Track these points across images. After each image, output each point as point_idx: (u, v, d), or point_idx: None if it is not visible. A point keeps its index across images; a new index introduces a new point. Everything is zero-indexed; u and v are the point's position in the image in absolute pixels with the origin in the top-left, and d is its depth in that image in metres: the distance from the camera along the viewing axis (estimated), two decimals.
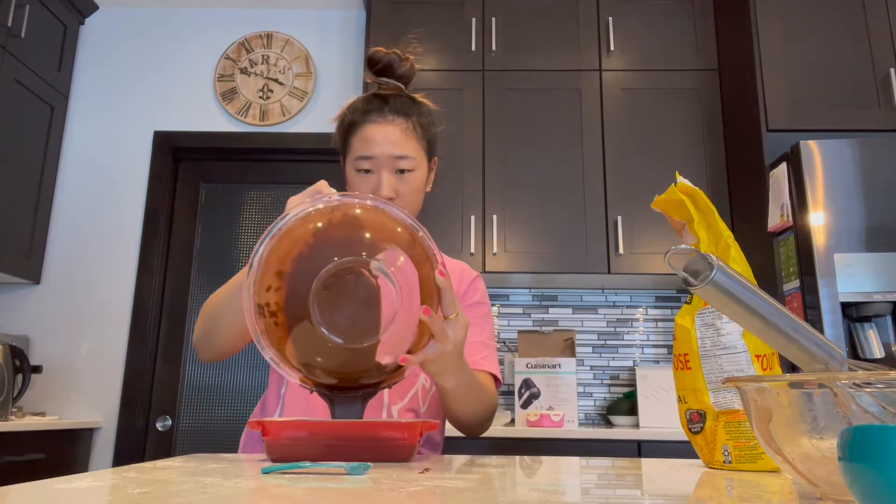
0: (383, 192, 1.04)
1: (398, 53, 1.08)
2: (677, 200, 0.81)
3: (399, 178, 1.06)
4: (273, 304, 0.76)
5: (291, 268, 0.75)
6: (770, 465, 0.72)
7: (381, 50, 1.08)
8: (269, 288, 0.76)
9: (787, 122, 2.32)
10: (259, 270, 0.77)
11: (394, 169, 1.05)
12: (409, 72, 1.09)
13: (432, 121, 1.13)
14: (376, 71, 1.08)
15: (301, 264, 0.75)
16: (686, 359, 0.79)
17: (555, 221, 2.60)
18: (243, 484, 0.54)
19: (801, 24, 2.42)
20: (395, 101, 1.08)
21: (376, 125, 1.05)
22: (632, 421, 2.60)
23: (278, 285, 0.76)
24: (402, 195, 1.06)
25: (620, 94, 2.72)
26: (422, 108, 1.11)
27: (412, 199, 1.08)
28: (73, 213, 2.98)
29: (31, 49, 2.78)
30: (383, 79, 1.08)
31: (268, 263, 0.77)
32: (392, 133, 1.05)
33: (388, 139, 1.05)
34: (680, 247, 0.58)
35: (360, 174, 1.06)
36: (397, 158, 1.05)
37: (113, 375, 2.81)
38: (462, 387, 0.92)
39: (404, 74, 1.09)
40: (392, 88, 1.09)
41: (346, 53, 3.15)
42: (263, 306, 0.76)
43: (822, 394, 0.44)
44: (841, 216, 2.06)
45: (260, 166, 3.10)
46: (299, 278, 0.75)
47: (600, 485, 0.62)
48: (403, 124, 1.06)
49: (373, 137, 1.05)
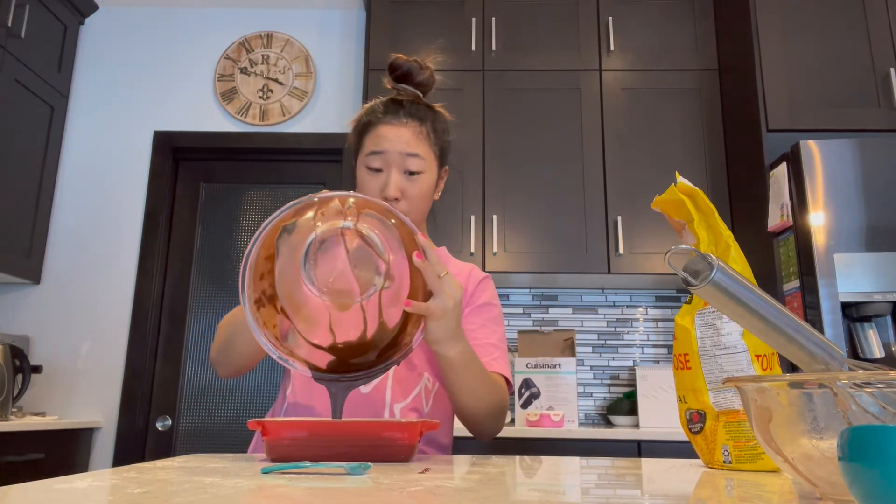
0: (389, 192, 1.05)
1: (418, 61, 1.11)
2: (677, 200, 0.81)
3: (407, 179, 1.07)
4: (268, 286, 0.77)
5: (277, 246, 0.78)
6: (770, 465, 0.72)
7: (401, 57, 1.11)
8: (262, 276, 0.77)
9: (787, 122, 2.32)
10: (250, 271, 0.78)
11: (403, 168, 1.07)
12: (428, 79, 1.12)
13: (446, 129, 1.15)
14: (396, 77, 1.11)
15: (285, 240, 0.78)
16: (686, 359, 0.79)
17: (555, 221, 2.60)
18: (243, 484, 0.54)
19: (801, 23, 2.42)
20: (410, 106, 1.10)
21: (390, 125, 1.08)
22: (632, 421, 2.60)
23: (269, 268, 0.77)
24: (408, 196, 1.07)
25: (620, 94, 2.72)
26: (437, 116, 1.13)
27: (418, 202, 1.09)
28: (73, 212, 2.98)
29: (31, 49, 2.78)
30: (402, 85, 1.11)
31: (257, 259, 0.78)
32: (404, 133, 1.07)
33: (400, 138, 1.07)
34: (680, 247, 0.58)
35: (370, 172, 1.08)
36: (407, 156, 1.06)
37: (113, 375, 2.81)
38: (466, 358, 0.93)
39: (423, 82, 1.12)
40: (409, 95, 1.11)
41: (346, 53, 3.15)
42: (261, 296, 0.77)
43: (822, 394, 0.44)
44: (841, 216, 2.06)
45: (260, 166, 3.10)
46: (286, 253, 0.77)
47: (600, 485, 0.62)
48: (417, 127, 1.08)
49: (385, 135, 1.07)
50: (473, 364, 0.96)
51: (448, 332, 0.86)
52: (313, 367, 0.80)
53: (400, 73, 1.11)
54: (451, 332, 0.86)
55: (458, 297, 0.84)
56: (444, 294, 0.81)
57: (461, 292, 0.85)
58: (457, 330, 0.88)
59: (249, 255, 0.78)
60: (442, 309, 0.81)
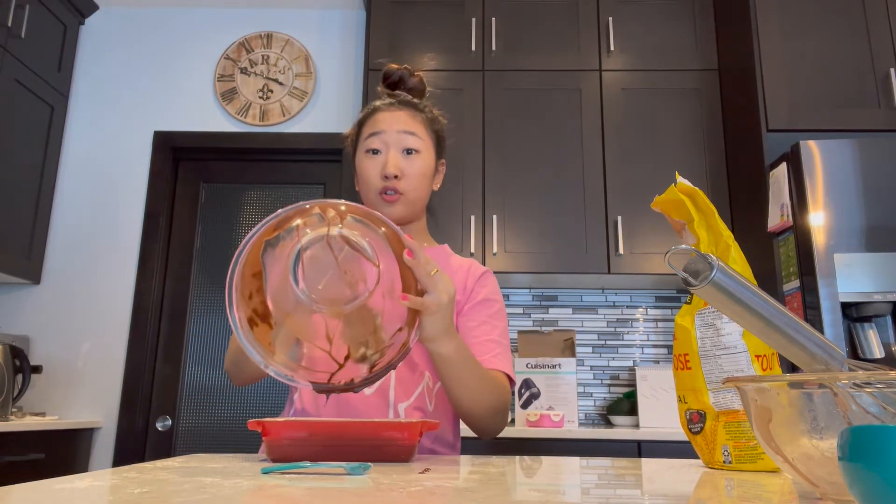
0: (389, 170, 1.08)
1: (408, 69, 1.21)
2: (677, 200, 0.81)
3: (406, 159, 1.12)
4: (259, 304, 0.76)
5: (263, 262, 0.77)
6: (770, 465, 0.72)
7: (393, 65, 1.21)
8: (251, 295, 0.76)
9: (787, 122, 2.32)
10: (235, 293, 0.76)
11: (401, 146, 1.11)
12: (418, 85, 1.20)
13: (440, 122, 1.22)
14: (389, 84, 1.20)
15: (270, 254, 0.77)
16: (686, 359, 0.79)
17: (555, 221, 2.60)
18: (243, 484, 0.54)
19: (802, 24, 2.42)
20: (406, 100, 1.18)
21: (387, 111, 1.15)
22: (632, 421, 2.60)
23: (257, 285, 0.76)
24: (407, 175, 1.11)
25: (620, 94, 2.72)
26: (431, 111, 1.21)
27: (418, 181, 1.12)
28: (73, 213, 2.98)
29: (31, 49, 2.78)
30: (396, 92, 1.19)
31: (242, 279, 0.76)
32: (401, 115, 1.14)
33: (397, 119, 1.13)
34: (680, 247, 0.58)
35: (369, 155, 1.12)
36: (405, 134, 1.12)
37: (113, 375, 2.81)
38: (461, 355, 0.93)
39: (414, 87, 1.20)
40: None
41: (346, 53, 3.15)
42: (253, 314, 0.76)
43: (822, 394, 0.44)
44: (841, 216, 2.06)
45: (260, 166, 3.10)
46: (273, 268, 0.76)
47: (600, 485, 0.62)
48: (413, 111, 1.16)
49: (383, 118, 1.14)
50: (469, 361, 0.96)
51: (443, 329, 0.86)
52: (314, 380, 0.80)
53: (392, 80, 1.20)
54: (445, 328, 0.87)
55: (451, 293, 0.85)
56: (437, 290, 0.82)
57: (454, 288, 0.86)
58: (451, 327, 0.89)
59: (233, 277, 0.76)
60: (437, 304, 0.82)
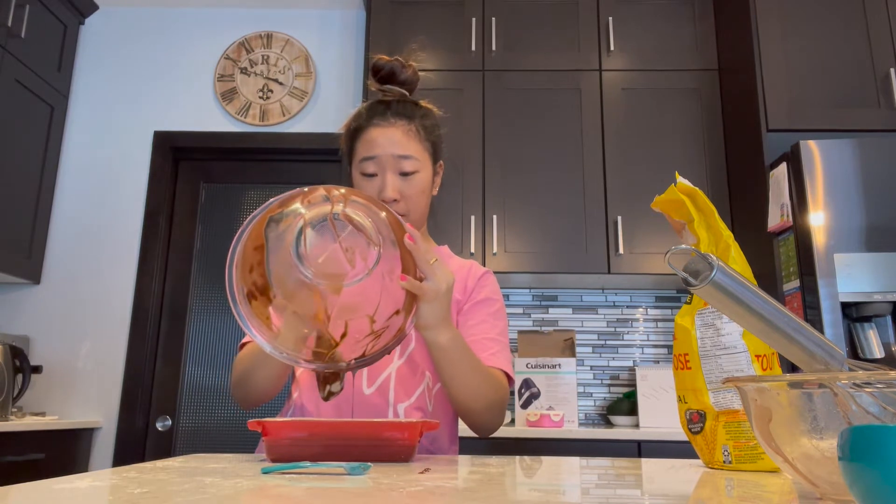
0: (387, 194, 1.05)
1: (400, 61, 1.12)
2: (677, 200, 0.81)
3: (403, 181, 1.08)
4: (259, 276, 0.76)
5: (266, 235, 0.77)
6: (770, 465, 0.72)
7: (383, 58, 1.12)
8: (251, 268, 0.76)
9: (787, 122, 2.32)
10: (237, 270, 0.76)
11: (397, 170, 1.07)
12: (411, 78, 1.13)
13: (436, 124, 1.16)
14: (379, 78, 1.12)
15: (273, 229, 0.77)
16: (686, 359, 0.79)
17: (555, 221, 2.60)
18: (243, 484, 0.54)
19: (801, 24, 2.42)
20: (397, 106, 1.10)
21: (379, 128, 1.08)
22: (632, 421, 2.59)
23: (258, 258, 0.76)
24: (406, 197, 1.08)
25: (620, 94, 2.72)
26: (424, 112, 1.13)
27: (417, 200, 1.09)
28: (73, 213, 2.98)
29: (31, 49, 2.78)
30: (387, 86, 1.12)
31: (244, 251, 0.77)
32: (394, 134, 1.07)
33: (391, 140, 1.07)
34: (680, 247, 0.58)
35: (365, 178, 1.08)
36: (400, 158, 1.07)
37: (113, 375, 2.81)
38: (457, 346, 0.93)
39: (407, 80, 1.12)
40: (396, 95, 1.12)
41: (346, 53, 3.15)
42: (252, 287, 0.76)
43: (822, 394, 0.44)
44: (841, 216, 2.06)
45: (260, 166, 3.10)
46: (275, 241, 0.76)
47: (600, 485, 0.62)
48: (405, 126, 1.09)
49: (376, 139, 1.07)
50: (466, 354, 0.96)
51: (440, 317, 0.87)
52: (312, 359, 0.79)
53: (383, 73, 1.11)
54: (442, 316, 0.87)
55: (450, 282, 0.85)
56: (436, 277, 0.82)
57: (454, 278, 0.87)
58: (448, 317, 0.90)
59: (235, 248, 0.77)
60: (435, 291, 0.82)
